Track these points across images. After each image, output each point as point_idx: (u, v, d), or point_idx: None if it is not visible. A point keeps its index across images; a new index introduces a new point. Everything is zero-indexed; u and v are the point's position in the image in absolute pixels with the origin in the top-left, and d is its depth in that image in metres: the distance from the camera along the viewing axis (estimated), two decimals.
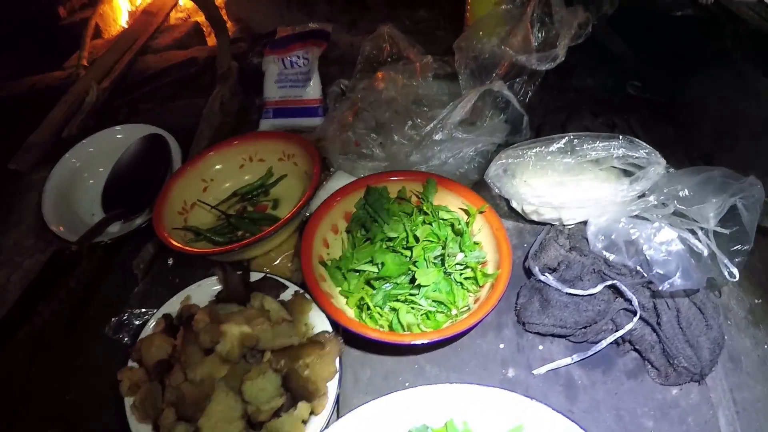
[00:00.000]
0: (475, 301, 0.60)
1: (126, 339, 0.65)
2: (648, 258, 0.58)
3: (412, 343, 0.54)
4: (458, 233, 0.64)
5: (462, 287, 0.61)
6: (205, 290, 0.61)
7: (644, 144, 0.63)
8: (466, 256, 0.62)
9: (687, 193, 0.63)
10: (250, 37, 1.20)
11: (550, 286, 0.60)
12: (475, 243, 0.64)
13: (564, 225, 0.69)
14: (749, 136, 0.78)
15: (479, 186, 0.73)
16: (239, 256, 0.67)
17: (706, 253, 0.61)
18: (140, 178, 0.80)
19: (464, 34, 0.79)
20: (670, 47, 0.98)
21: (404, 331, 0.58)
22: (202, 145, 0.87)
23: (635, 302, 0.59)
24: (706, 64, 0.90)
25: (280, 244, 0.71)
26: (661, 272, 0.57)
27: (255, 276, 0.62)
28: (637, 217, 0.63)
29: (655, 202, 0.62)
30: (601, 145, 0.63)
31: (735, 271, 0.58)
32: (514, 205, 0.72)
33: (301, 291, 0.59)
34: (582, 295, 0.59)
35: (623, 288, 0.60)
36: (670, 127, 0.90)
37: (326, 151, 0.81)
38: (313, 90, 0.95)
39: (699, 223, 0.62)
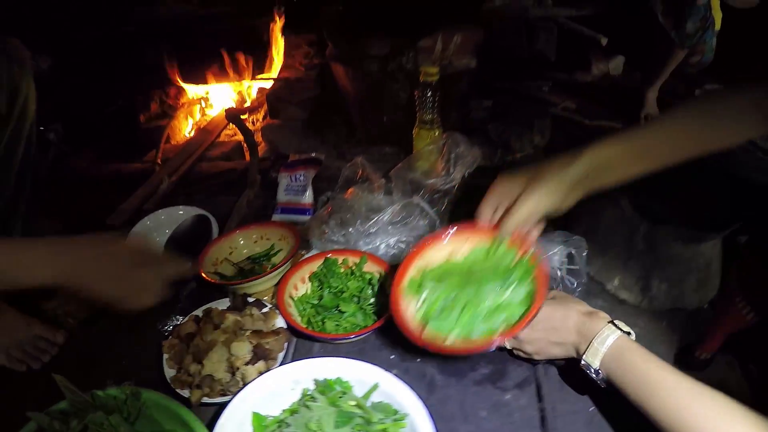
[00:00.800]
0: None
1: (167, 333, 1.02)
2: None
3: (326, 337, 0.93)
4: (373, 286, 1.05)
5: (371, 318, 1.00)
6: (220, 306, 1.01)
7: None
8: (375, 299, 1.03)
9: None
10: (273, 156, 1.70)
11: None
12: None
13: None
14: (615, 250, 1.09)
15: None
16: (244, 291, 1.08)
17: None
18: (190, 241, 1.20)
19: (397, 167, 1.25)
20: None
21: None
22: (232, 226, 1.32)
23: None
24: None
25: (268, 288, 1.12)
26: None
27: (251, 300, 1.02)
28: None
29: None
30: None
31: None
32: None
33: (274, 307, 1.00)
34: None
35: None
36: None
37: (309, 236, 1.24)
38: (308, 197, 1.38)
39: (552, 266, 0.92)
